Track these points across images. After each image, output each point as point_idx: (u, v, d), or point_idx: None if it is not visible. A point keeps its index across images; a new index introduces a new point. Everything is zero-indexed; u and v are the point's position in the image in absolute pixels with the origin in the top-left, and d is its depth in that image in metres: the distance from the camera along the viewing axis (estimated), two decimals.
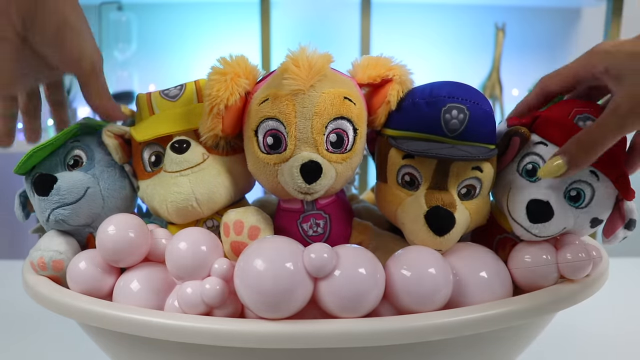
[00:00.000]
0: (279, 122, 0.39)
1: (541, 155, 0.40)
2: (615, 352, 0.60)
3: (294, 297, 0.34)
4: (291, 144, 0.39)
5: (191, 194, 0.41)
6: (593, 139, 0.36)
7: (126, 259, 0.39)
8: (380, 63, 0.42)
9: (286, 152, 0.39)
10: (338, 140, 0.40)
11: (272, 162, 0.40)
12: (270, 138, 0.40)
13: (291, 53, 0.40)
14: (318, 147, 0.39)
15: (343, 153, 0.40)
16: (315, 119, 0.39)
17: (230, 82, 0.40)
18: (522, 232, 0.40)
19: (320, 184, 0.38)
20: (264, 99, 0.40)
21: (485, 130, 0.40)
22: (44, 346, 0.61)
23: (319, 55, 0.40)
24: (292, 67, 0.39)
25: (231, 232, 0.40)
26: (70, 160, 0.44)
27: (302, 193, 0.39)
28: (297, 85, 0.38)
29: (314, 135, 0.39)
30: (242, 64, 0.41)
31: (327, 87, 0.39)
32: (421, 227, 0.38)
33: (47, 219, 0.42)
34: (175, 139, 0.42)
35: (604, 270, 0.41)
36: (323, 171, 0.38)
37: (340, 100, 0.39)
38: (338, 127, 0.40)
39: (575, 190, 0.40)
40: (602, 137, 0.36)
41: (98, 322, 0.36)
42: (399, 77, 0.41)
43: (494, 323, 0.35)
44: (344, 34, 1.75)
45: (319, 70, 0.39)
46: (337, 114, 0.39)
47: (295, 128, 0.39)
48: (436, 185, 0.40)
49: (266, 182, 0.42)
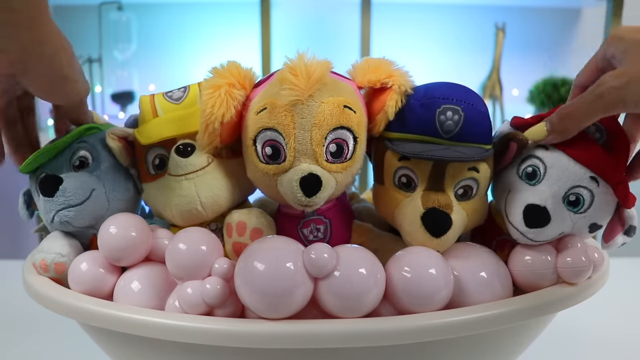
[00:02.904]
0: (278, 133, 0.38)
1: (542, 159, 0.40)
2: (615, 352, 0.60)
3: (294, 297, 0.34)
4: (290, 155, 0.39)
5: (196, 197, 0.41)
6: (572, 110, 0.36)
7: (127, 258, 0.40)
8: (381, 68, 0.41)
9: (285, 163, 0.39)
10: (338, 150, 0.39)
11: (272, 172, 0.39)
12: (269, 148, 0.39)
13: (289, 61, 0.39)
14: (317, 159, 0.39)
15: (343, 162, 0.39)
16: (314, 130, 0.38)
17: (225, 95, 0.39)
18: (518, 235, 0.40)
19: (320, 196, 0.38)
20: (261, 108, 0.39)
21: (481, 130, 0.40)
22: (44, 346, 0.61)
23: (318, 62, 0.39)
24: (290, 76, 0.38)
25: (234, 233, 0.40)
26: (76, 161, 0.44)
27: (302, 205, 0.39)
28: (295, 95, 0.38)
29: (313, 147, 0.38)
30: (235, 71, 0.40)
31: (327, 96, 0.39)
32: (418, 229, 0.38)
33: (51, 220, 0.42)
34: (180, 143, 0.42)
35: (604, 271, 0.41)
36: (323, 184, 0.38)
37: (340, 110, 0.39)
38: (338, 137, 0.39)
39: (575, 195, 0.39)
40: (580, 110, 0.36)
41: (99, 322, 0.36)
42: (398, 86, 0.40)
43: (494, 323, 0.35)
44: (344, 34, 1.75)
45: (317, 80, 0.38)
46: (337, 124, 0.38)
47: (294, 139, 0.38)
48: (432, 186, 0.40)
49: (266, 190, 0.42)
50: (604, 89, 0.34)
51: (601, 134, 0.40)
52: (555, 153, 0.40)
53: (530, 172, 0.41)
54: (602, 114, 0.35)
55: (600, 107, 0.35)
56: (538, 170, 0.40)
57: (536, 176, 0.40)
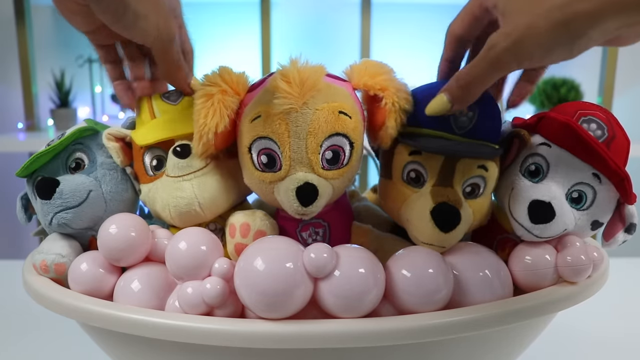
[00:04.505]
0: (272, 142, 0.38)
1: (544, 156, 0.40)
2: (615, 353, 0.60)
3: (294, 297, 0.34)
4: (286, 164, 0.38)
5: (194, 198, 0.41)
6: (470, 78, 0.36)
7: (127, 258, 0.40)
8: (378, 77, 0.40)
9: (281, 171, 0.39)
10: (334, 157, 0.39)
11: (268, 180, 0.39)
12: (264, 157, 0.39)
13: (282, 67, 0.38)
14: (313, 167, 0.38)
15: (340, 168, 0.39)
16: (309, 138, 0.38)
17: (218, 105, 0.38)
18: (523, 232, 0.40)
19: (317, 205, 0.38)
20: (255, 116, 0.38)
21: (493, 128, 0.40)
22: (44, 346, 0.61)
23: (311, 69, 0.38)
24: (282, 84, 0.37)
25: (237, 233, 0.40)
26: (72, 162, 0.44)
27: (299, 214, 0.38)
28: (289, 104, 0.37)
29: (309, 155, 0.38)
30: (228, 77, 0.40)
31: (321, 103, 0.38)
32: (427, 223, 0.38)
33: (49, 222, 0.42)
34: (178, 144, 0.42)
35: (604, 271, 0.41)
36: (319, 193, 0.37)
37: (335, 117, 0.38)
38: (334, 143, 0.38)
39: (578, 192, 0.40)
40: (478, 77, 0.35)
41: (98, 322, 0.36)
42: (392, 103, 0.39)
43: (494, 323, 0.35)
44: (344, 34, 1.75)
45: (311, 87, 0.37)
46: (332, 131, 0.38)
47: (289, 148, 0.38)
48: (442, 182, 0.40)
49: (263, 196, 0.41)
50: (497, 51, 0.33)
51: (602, 131, 0.40)
52: (558, 150, 0.40)
53: (533, 169, 0.41)
54: (499, 75, 0.35)
55: (497, 70, 0.34)
56: (541, 167, 0.40)
57: (539, 174, 0.41)
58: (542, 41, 0.31)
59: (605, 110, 0.41)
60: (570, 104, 0.42)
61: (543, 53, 0.32)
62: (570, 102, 0.43)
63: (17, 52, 1.62)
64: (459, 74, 0.36)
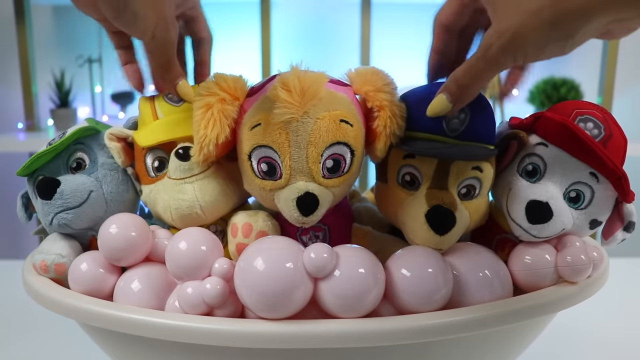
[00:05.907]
0: (273, 151, 0.38)
1: (541, 156, 0.40)
2: (615, 352, 0.60)
3: (294, 297, 0.34)
4: (286, 173, 0.38)
5: (195, 201, 0.41)
6: (469, 77, 0.36)
7: (128, 258, 0.40)
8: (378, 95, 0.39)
9: (281, 180, 0.38)
10: (335, 165, 0.38)
11: (268, 188, 0.39)
12: (264, 165, 0.38)
13: (282, 75, 0.37)
14: (314, 176, 0.38)
15: (340, 176, 0.39)
16: (310, 148, 0.37)
17: (218, 115, 0.38)
18: (521, 232, 0.40)
19: (317, 214, 0.38)
20: (255, 124, 0.38)
21: (486, 129, 0.40)
22: (44, 346, 0.61)
23: (312, 76, 0.37)
24: (283, 94, 0.36)
25: (239, 234, 0.40)
26: (73, 162, 0.44)
27: (299, 223, 0.38)
28: (290, 114, 0.36)
29: (309, 165, 0.38)
30: (225, 84, 0.39)
31: (322, 112, 0.37)
32: (422, 226, 0.38)
33: (50, 222, 0.42)
34: (180, 146, 0.42)
35: (604, 271, 0.41)
36: (320, 203, 0.37)
37: (337, 125, 0.37)
38: (335, 152, 0.38)
39: (575, 191, 0.40)
40: (477, 76, 0.35)
41: (98, 322, 0.36)
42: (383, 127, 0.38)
43: (494, 323, 0.35)
44: (344, 34, 1.75)
45: (312, 96, 0.37)
46: (334, 140, 0.37)
47: (289, 158, 0.37)
48: (437, 184, 0.40)
49: (263, 202, 0.41)
50: (494, 51, 0.33)
51: (599, 130, 0.40)
52: (555, 150, 0.40)
53: (531, 169, 0.41)
54: (497, 73, 0.35)
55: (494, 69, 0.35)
56: (538, 167, 0.40)
57: (537, 174, 0.41)
58: (535, 40, 0.31)
59: (602, 109, 0.41)
60: (567, 103, 0.42)
61: (536, 51, 0.32)
62: (567, 101, 0.43)
63: (17, 52, 1.62)
64: (456, 74, 0.36)
